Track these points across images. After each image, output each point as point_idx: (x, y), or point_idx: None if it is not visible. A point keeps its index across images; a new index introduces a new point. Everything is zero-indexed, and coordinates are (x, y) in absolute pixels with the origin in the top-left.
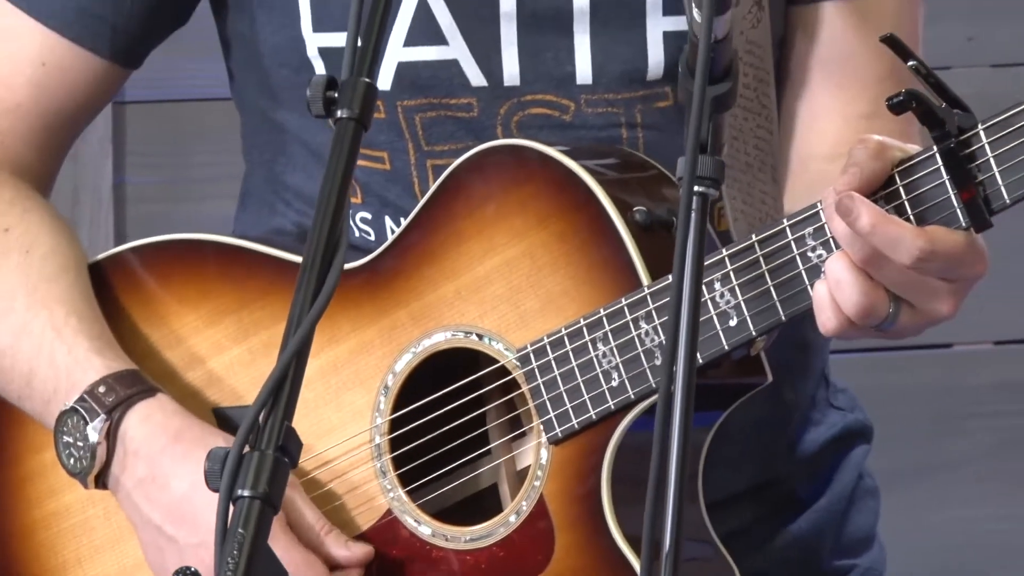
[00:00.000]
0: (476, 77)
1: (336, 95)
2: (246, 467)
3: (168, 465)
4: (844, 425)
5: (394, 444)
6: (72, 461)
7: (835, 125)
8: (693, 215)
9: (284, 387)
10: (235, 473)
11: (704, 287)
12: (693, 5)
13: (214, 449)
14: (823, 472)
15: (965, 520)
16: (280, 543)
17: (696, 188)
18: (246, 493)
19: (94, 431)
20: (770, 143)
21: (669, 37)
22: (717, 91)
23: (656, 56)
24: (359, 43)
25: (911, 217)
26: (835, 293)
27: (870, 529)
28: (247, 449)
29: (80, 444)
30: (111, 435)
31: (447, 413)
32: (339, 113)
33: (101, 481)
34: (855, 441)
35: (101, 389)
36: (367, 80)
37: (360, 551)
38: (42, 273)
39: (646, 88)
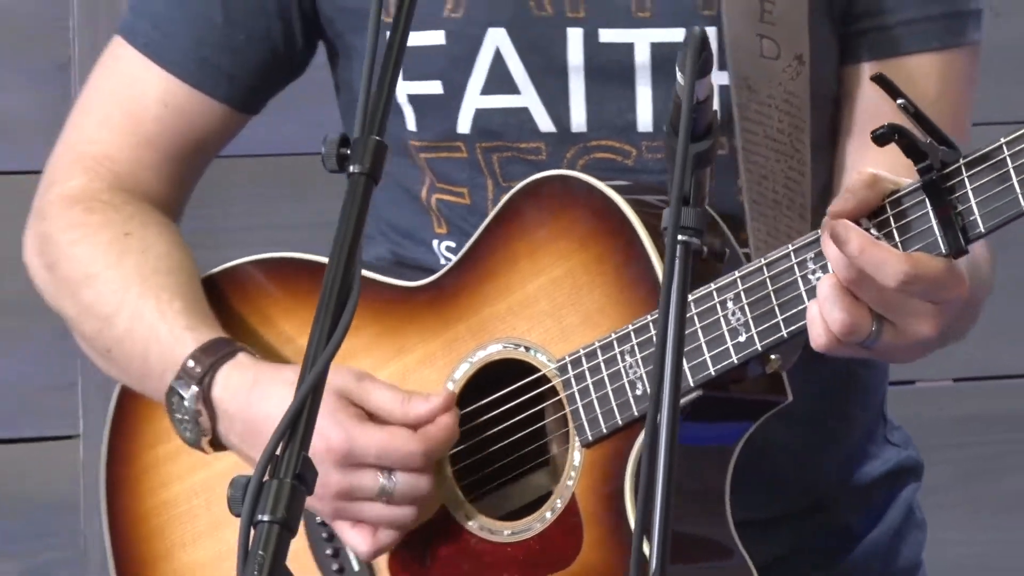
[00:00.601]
0: (545, 124)
1: (348, 152)
2: (266, 494)
3: (256, 412)
4: (898, 461)
5: None
6: (187, 434)
7: None
8: (677, 262)
9: (301, 420)
10: (256, 499)
11: (718, 305)
12: (678, 69)
13: (236, 477)
14: (876, 505)
15: (936, 543)
16: (358, 430)
17: (680, 237)
18: (266, 518)
19: (192, 401)
20: (801, 184)
21: (722, 90)
22: (699, 148)
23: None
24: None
25: (898, 243)
26: (823, 311)
27: (916, 558)
28: (267, 477)
29: (187, 417)
30: (207, 401)
31: (499, 417)
32: (352, 168)
33: (219, 444)
34: (908, 478)
35: (190, 363)
36: (377, 138)
37: (439, 399)
38: (156, 268)
39: None
